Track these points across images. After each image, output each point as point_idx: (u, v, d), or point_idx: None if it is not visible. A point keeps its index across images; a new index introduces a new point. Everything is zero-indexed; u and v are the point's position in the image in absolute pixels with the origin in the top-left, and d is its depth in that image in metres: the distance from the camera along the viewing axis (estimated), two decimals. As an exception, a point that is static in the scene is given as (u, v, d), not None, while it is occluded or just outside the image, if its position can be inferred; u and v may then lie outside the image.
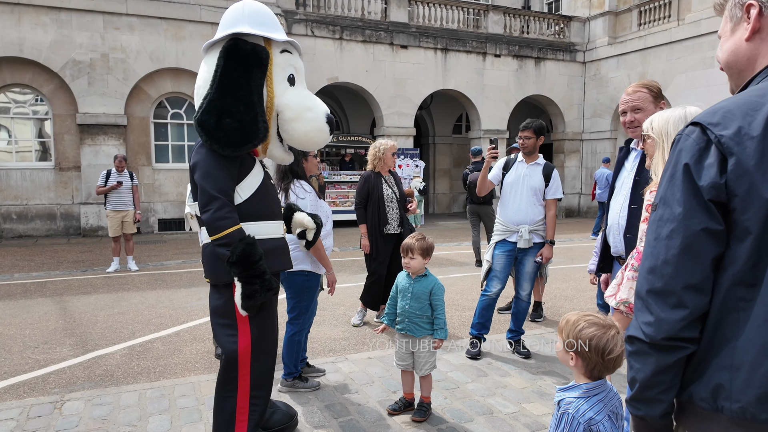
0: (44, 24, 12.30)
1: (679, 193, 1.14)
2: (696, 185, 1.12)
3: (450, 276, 8.25)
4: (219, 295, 2.78)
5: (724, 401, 1.09)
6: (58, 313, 6.15)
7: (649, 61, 16.49)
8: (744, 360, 1.07)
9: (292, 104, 2.76)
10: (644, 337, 1.17)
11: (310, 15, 15.14)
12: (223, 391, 2.80)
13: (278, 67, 2.74)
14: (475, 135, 18.01)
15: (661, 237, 1.16)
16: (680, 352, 1.15)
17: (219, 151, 2.62)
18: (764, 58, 1.19)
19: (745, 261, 1.09)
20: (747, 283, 1.09)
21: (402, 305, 3.41)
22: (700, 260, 1.12)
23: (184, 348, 4.91)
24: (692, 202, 1.12)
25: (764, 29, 1.19)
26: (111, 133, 13.11)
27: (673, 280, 1.14)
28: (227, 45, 2.63)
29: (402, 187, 5.58)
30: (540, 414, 3.50)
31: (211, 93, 2.62)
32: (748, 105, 1.11)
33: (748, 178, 1.07)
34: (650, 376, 1.17)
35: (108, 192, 8.67)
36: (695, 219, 1.12)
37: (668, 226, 1.15)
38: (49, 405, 3.60)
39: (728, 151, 1.09)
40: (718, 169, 1.10)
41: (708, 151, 1.11)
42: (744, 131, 1.08)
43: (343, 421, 3.39)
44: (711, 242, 1.11)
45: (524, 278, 4.60)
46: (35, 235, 12.91)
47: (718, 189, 1.09)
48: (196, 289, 7.33)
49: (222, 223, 2.58)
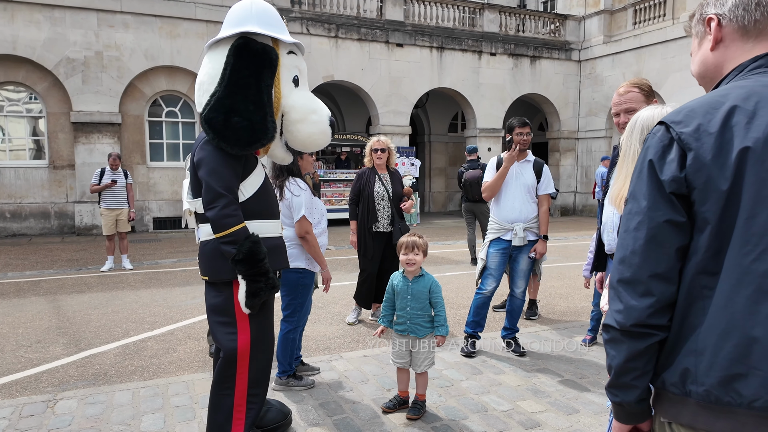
0: (38, 21, 12.23)
1: (645, 187, 1.22)
2: (659, 180, 1.19)
3: (446, 274, 8.25)
4: (217, 292, 2.77)
5: (691, 385, 1.15)
6: (51, 311, 6.12)
7: (644, 59, 16.53)
8: (707, 345, 1.13)
9: (298, 106, 2.78)
10: (616, 324, 1.23)
11: (306, 13, 15.12)
12: (220, 388, 2.80)
13: (285, 69, 2.75)
14: (470, 133, 18.02)
15: (630, 229, 1.24)
16: (650, 338, 1.21)
17: (227, 150, 2.62)
18: (730, 63, 1.29)
19: (705, 250, 1.16)
20: (709, 272, 1.15)
21: (401, 307, 3.39)
22: (665, 250, 1.19)
23: (178, 346, 4.90)
24: (656, 196, 1.20)
25: (726, 38, 1.29)
26: (105, 132, 13.05)
27: (640, 269, 1.20)
28: (237, 43, 2.61)
29: (398, 186, 5.52)
30: (534, 411, 3.50)
31: (219, 90, 2.60)
32: (710, 104, 1.19)
33: (705, 171, 1.14)
34: (623, 363, 1.23)
35: (102, 190, 8.63)
36: (659, 211, 1.19)
37: (636, 219, 1.23)
38: (42, 404, 3.59)
39: (687, 147, 1.17)
40: (678, 164, 1.17)
41: (671, 148, 1.19)
42: (703, 128, 1.16)
43: (338, 419, 3.39)
44: (674, 233, 1.18)
45: (519, 276, 4.61)
46: (29, 233, 12.85)
47: (679, 182, 1.17)
48: (191, 288, 7.31)
49: (228, 221, 2.58)
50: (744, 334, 1.09)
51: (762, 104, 1.14)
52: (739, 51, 1.27)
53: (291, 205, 3.72)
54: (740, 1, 1.25)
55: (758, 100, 1.15)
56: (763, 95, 1.15)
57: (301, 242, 3.78)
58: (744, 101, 1.15)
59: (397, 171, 5.69)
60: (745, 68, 1.24)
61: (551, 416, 3.43)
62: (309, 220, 3.75)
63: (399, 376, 3.52)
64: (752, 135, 1.12)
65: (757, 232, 1.10)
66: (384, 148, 5.46)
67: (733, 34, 1.27)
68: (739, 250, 1.11)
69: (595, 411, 3.52)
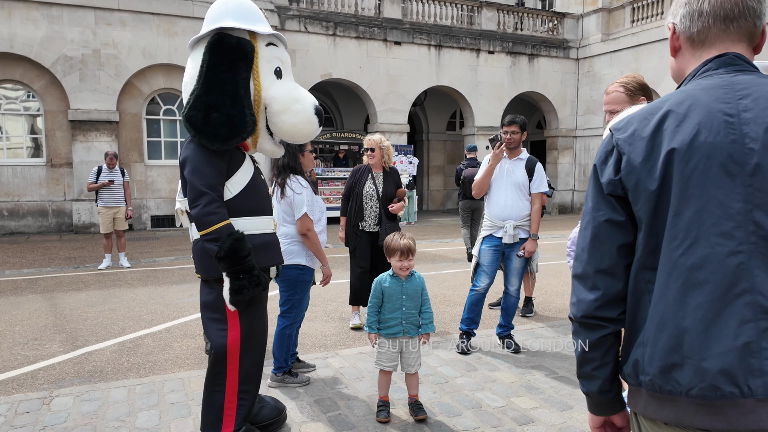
0: (35, 19, 12.22)
1: (591, 190, 1.32)
2: (600, 182, 1.29)
3: (442, 272, 8.27)
4: (209, 290, 2.79)
5: (641, 376, 1.21)
6: (48, 309, 6.13)
7: (641, 57, 16.54)
8: (649, 336, 1.20)
9: (280, 96, 2.77)
10: (572, 315, 1.33)
11: (304, 11, 15.10)
12: (211, 385, 2.81)
13: (264, 60, 2.74)
14: (468, 132, 18.03)
15: (582, 229, 1.34)
16: (600, 330, 1.28)
17: (208, 146, 2.63)
18: (686, 70, 1.35)
19: (644, 247, 1.23)
20: (649, 267, 1.23)
21: (395, 308, 3.30)
22: (607, 247, 1.27)
23: (174, 344, 4.91)
24: (598, 197, 1.29)
25: (681, 46, 1.35)
26: (103, 130, 13.05)
27: (588, 265, 1.30)
28: (212, 40, 2.63)
29: (391, 187, 5.33)
30: (528, 408, 3.52)
31: (197, 88, 2.62)
32: (649, 111, 1.26)
33: (635, 173, 1.22)
34: (582, 353, 1.32)
35: (99, 189, 8.64)
36: (600, 211, 1.28)
37: (585, 219, 1.33)
38: (38, 401, 3.60)
39: (622, 151, 1.25)
40: (615, 168, 1.26)
41: (612, 153, 1.28)
42: (637, 133, 1.24)
43: (332, 415, 3.40)
44: (614, 231, 1.26)
45: (512, 273, 4.62)
46: (27, 231, 12.85)
47: (614, 185, 1.25)
48: (188, 286, 7.32)
49: (210, 219, 2.58)
50: (675, 325, 1.15)
51: (693, 107, 1.19)
52: (692, 58, 1.33)
53: (293, 202, 3.73)
54: (686, 12, 1.30)
55: (691, 103, 1.20)
56: (696, 98, 1.20)
57: (302, 239, 3.79)
58: (678, 105, 1.21)
59: (395, 170, 5.51)
60: (696, 73, 1.29)
61: (545, 412, 3.45)
62: (310, 218, 3.76)
63: (383, 381, 3.41)
64: (679, 137, 1.17)
65: (683, 228, 1.16)
66: (373, 147, 5.26)
67: (685, 43, 1.33)
68: (668, 246, 1.18)
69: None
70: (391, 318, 3.30)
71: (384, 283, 3.34)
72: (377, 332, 3.34)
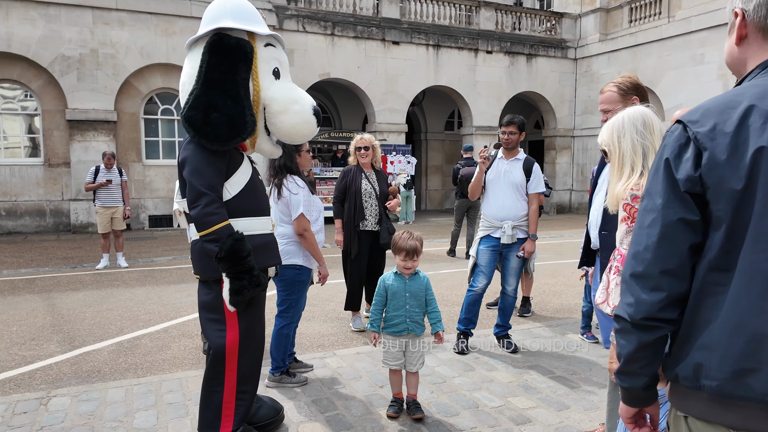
0: (33, 19, 12.20)
1: (660, 185, 1.24)
2: (674, 178, 1.21)
3: (441, 272, 8.28)
4: (208, 290, 2.79)
5: (704, 380, 1.17)
6: (45, 309, 6.12)
7: (639, 57, 16.56)
8: (719, 341, 1.16)
9: (279, 97, 2.78)
10: (627, 316, 1.27)
11: (302, 10, 15.10)
12: (210, 385, 2.81)
13: (263, 61, 2.75)
14: (467, 131, 18.03)
15: (644, 226, 1.26)
16: (658, 331, 1.25)
17: (207, 146, 2.63)
18: (753, 60, 1.28)
19: (719, 248, 1.17)
20: (721, 269, 1.17)
21: (399, 306, 3.33)
22: (677, 248, 1.21)
23: (172, 344, 4.91)
24: (670, 194, 1.22)
25: (749, 35, 1.28)
26: (101, 129, 13.03)
27: (652, 265, 1.24)
28: (211, 40, 2.63)
29: (384, 185, 5.38)
30: (525, 407, 3.52)
31: (196, 88, 2.62)
32: (726, 104, 1.19)
33: (718, 171, 1.16)
34: (632, 352, 1.28)
35: (96, 189, 8.63)
36: (672, 209, 1.21)
37: (650, 216, 1.25)
38: (35, 401, 3.59)
39: (703, 147, 1.18)
40: (694, 164, 1.19)
41: (687, 147, 1.21)
42: (719, 128, 1.17)
43: (330, 415, 3.41)
44: (687, 231, 1.21)
45: (509, 273, 4.63)
46: (24, 231, 12.83)
47: (693, 182, 1.19)
48: (186, 286, 7.31)
49: (210, 219, 2.59)
50: (754, 331, 1.11)
51: None
52: (761, 50, 1.26)
53: (289, 203, 3.74)
54: (764, 1, 1.23)
55: None
56: None
57: (299, 239, 3.80)
58: (760, 100, 1.16)
59: (382, 170, 5.55)
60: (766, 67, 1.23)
61: (542, 412, 3.46)
62: (307, 218, 3.77)
63: (394, 378, 3.45)
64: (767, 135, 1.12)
65: None
66: (367, 145, 5.25)
67: (756, 33, 1.26)
68: (751, 249, 1.13)
69: (586, 407, 3.55)
70: (395, 316, 3.34)
71: (388, 281, 3.39)
72: (380, 331, 3.38)
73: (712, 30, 14.28)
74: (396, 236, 3.39)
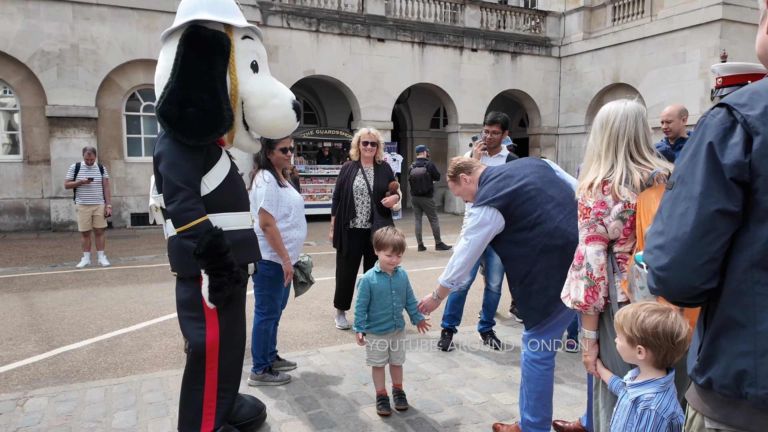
0: (11, 13, 11.96)
1: (700, 171, 1.13)
2: (719, 163, 1.10)
3: (425, 269, 8.28)
4: (186, 287, 2.74)
5: (748, 388, 1.09)
6: (24, 309, 6.01)
7: (622, 56, 16.69)
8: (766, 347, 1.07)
9: (257, 91, 2.73)
10: None
11: (286, 7, 14.98)
12: (190, 384, 2.77)
13: (240, 54, 2.70)
14: (452, 129, 18.06)
15: (675, 215, 1.17)
16: None
17: (183, 141, 2.58)
18: None
19: (765, 242, 1.07)
20: (765, 267, 1.07)
21: (385, 305, 3.30)
22: (709, 240, 1.12)
23: (153, 343, 4.84)
24: (711, 181, 1.11)
25: None
26: (81, 126, 12.82)
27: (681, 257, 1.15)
28: (187, 32, 2.57)
29: (383, 181, 5.21)
30: (508, 403, 3.53)
31: (172, 82, 2.57)
32: None
33: None
34: None
35: (77, 186, 8.49)
36: (712, 198, 1.11)
37: (683, 204, 1.15)
38: (11, 402, 3.52)
39: (754, 131, 1.08)
40: (743, 149, 1.09)
41: (733, 131, 1.10)
42: None
43: (313, 413, 3.38)
44: (724, 223, 1.11)
45: (494, 270, 4.64)
46: (3, 230, 12.59)
47: (742, 168, 1.08)
48: (168, 284, 7.22)
49: (188, 215, 2.54)
50: None
51: None
52: None
53: (255, 196, 3.70)
54: None
55: None
56: None
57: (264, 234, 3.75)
58: None
59: (386, 164, 5.34)
60: None
61: (525, 408, 3.46)
62: (270, 213, 3.70)
63: (378, 376, 3.43)
64: None
65: None
66: (375, 141, 5.14)
67: None
68: None
69: (568, 402, 3.56)
70: (382, 315, 3.32)
71: (372, 281, 3.32)
72: (365, 332, 3.34)
73: (694, 29, 14.44)
74: (379, 232, 3.35)
